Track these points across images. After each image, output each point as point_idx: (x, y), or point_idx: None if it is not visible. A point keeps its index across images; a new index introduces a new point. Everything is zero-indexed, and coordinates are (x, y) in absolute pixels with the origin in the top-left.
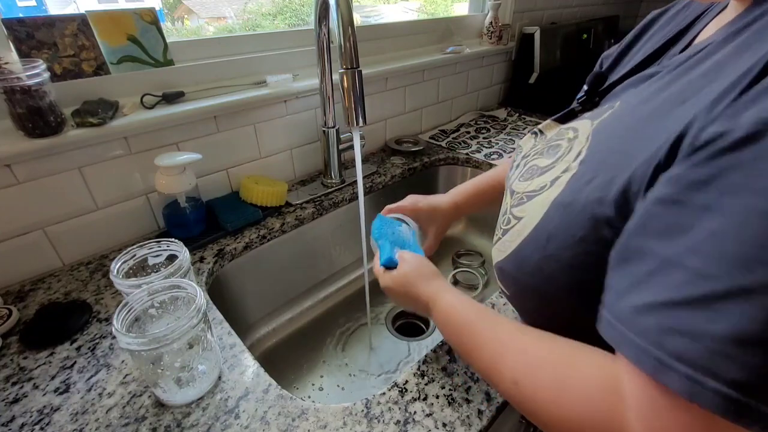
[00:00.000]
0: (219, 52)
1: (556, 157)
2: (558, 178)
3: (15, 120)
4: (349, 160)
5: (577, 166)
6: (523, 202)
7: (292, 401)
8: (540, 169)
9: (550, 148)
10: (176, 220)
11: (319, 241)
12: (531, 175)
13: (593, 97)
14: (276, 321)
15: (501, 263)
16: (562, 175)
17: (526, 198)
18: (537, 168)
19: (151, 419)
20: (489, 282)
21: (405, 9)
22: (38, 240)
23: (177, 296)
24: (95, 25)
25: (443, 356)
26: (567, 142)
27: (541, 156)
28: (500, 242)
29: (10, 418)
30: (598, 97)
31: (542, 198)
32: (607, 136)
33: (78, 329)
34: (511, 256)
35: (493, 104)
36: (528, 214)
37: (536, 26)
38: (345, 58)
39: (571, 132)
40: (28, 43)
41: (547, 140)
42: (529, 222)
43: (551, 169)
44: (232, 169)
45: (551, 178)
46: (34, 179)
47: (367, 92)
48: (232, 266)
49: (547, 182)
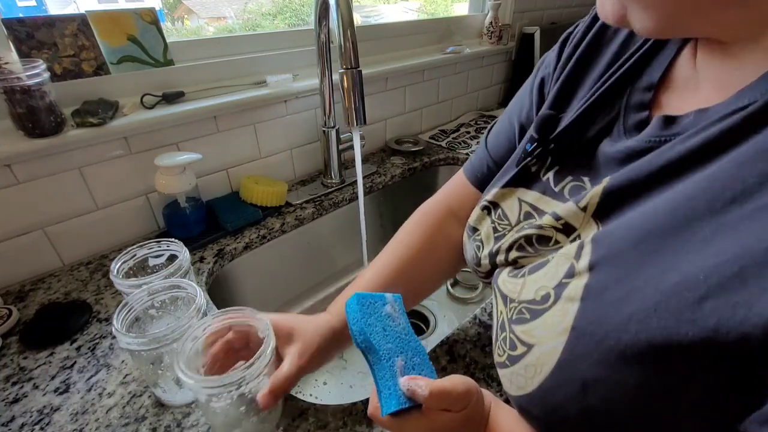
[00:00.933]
0: (219, 52)
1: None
2: (564, 286)
3: (15, 120)
4: (349, 160)
5: (587, 271)
6: (527, 320)
7: (292, 401)
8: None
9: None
10: (176, 220)
11: (319, 241)
12: (517, 273)
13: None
14: None
15: (520, 401)
16: (570, 283)
17: (527, 312)
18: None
19: (151, 419)
20: None
21: (405, 9)
22: (38, 240)
23: (177, 296)
24: (95, 25)
25: (443, 356)
26: (555, 231)
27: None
28: (509, 371)
29: (10, 418)
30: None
31: (554, 319)
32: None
33: (78, 329)
34: (535, 398)
35: (493, 104)
36: (540, 342)
37: (536, 26)
38: (345, 58)
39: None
40: (28, 43)
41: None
42: (546, 354)
43: (545, 265)
44: (232, 169)
45: (553, 282)
46: (34, 179)
47: (367, 92)
48: (232, 266)
49: (549, 290)
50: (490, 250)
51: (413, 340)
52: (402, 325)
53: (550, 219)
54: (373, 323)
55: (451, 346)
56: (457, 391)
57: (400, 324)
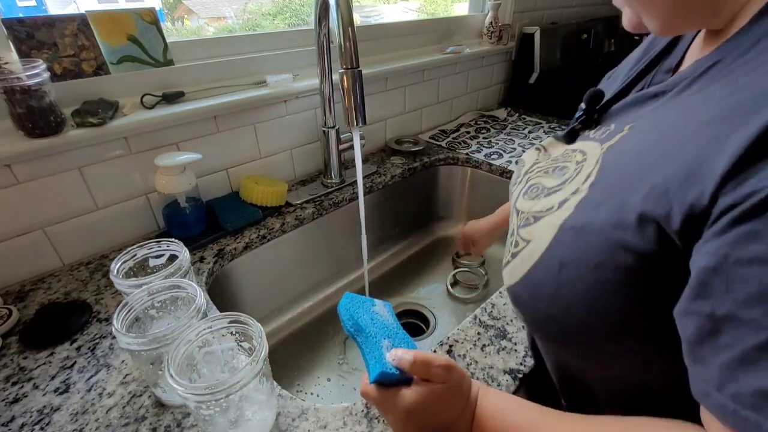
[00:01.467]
0: (219, 52)
1: (563, 178)
2: (566, 201)
3: (15, 120)
4: (349, 160)
5: (587, 188)
6: (530, 224)
7: (292, 401)
8: (546, 190)
9: (557, 168)
10: (176, 220)
11: (319, 241)
12: (537, 195)
13: (592, 115)
14: (276, 321)
15: (514, 287)
16: (571, 198)
17: (533, 219)
18: (542, 188)
19: (151, 419)
20: (489, 282)
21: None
22: (38, 240)
23: (177, 296)
24: (95, 25)
25: (443, 356)
26: (575, 164)
27: (547, 175)
28: (510, 265)
29: (10, 418)
30: (596, 114)
31: (550, 220)
32: (619, 160)
33: (78, 329)
34: (524, 281)
35: (493, 104)
36: (536, 237)
37: (536, 26)
38: (345, 58)
39: (579, 154)
40: (28, 43)
41: (553, 159)
42: (538, 246)
43: (559, 190)
44: (232, 169)
45: (559, 199)
46: (34, 179)
47: (367, 92)
48: (232, 266)
49: (554, 204)
50: (529, 167)
51: (401, 332)
52: (391, 322)
53: (579, 155)
54: (362, 313)
55: (451, 346)
56: (439, 361)
57: (388, 320)
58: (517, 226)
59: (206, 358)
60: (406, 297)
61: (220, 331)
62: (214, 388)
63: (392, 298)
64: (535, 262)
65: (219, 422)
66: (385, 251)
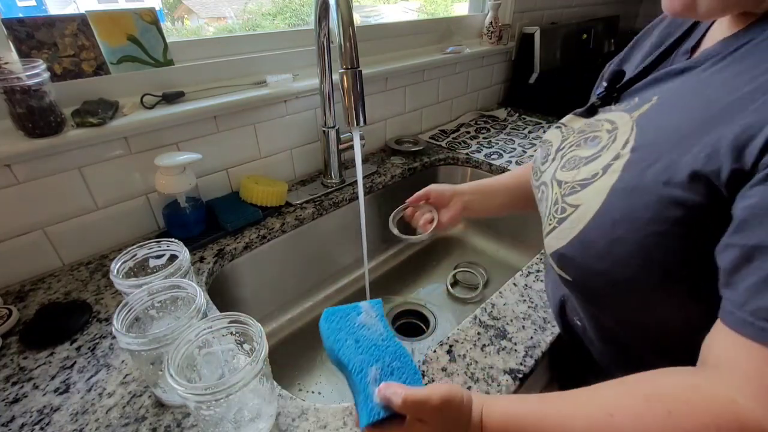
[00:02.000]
0: (219, 52)
1: (599, 146)
2: (610, 165)
3: (15, 120)
4: (349, 160)
5: (629, 152)
6: (577, 191)
7: (292, 401)
8: (584, 159)
9: (588, 139)
10: (176, 220)
11: (319, 241)
12: (576, 165)
13: (612, 92)
14: (276, 321)
15: (562, 250)
16: (614, 162)
17: (579, 186)
18: (579, 158)
19: (151, 419)
20: (489, 282)
21: (405, 9)
22: (38, 240)
23: (177, 296)
24: (95, 25)
25: (443, 356)
26: (607, 133)
27: (580, 147)
28: (557, 230)
29: (10, 418)
30: (616, 93)
31: (599, 185)
32: (659, 124)
33: (78, 329)
34: (574, 241)
35: (493, 104)
36: (586, 202)
37: (536, 26)
38: (345, 58)
39: (607, 124)
40: (28, 43)
41: (579, 132)
42: (589, 208)
43: (598, 157)
44: (232, 169)
45: (602, 165)
46: (34, 179)
47: (367, 92)
48: (232, 266)
49: (598, 170)
50: (559, 145)
51: (392, 344)
52: (379, 331)
53: (607, 124)
54: (343, 338)
55: (451, 346)
56: (432, 403)
57: (377, 331)
58: (561, 195)
59: (206, 358)
60: (406, 297)
61: (220, 331)
62: (214, 388)
63: (392, 298)
64: (586, 224)
65: (219, 422)
66: (385, 251)
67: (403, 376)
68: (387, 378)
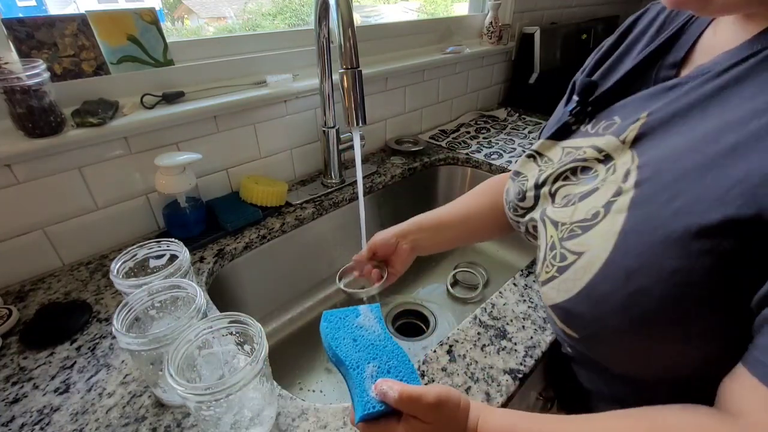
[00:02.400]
0: (219, 52)
1: (596, 179)
2: (612, 203)
3: (15, 120)
4: (349, 160)
5: (633, 188)
6: (578, 234)
7: (292, 401)
8: (579, 194)
9: (578, 170)
10: (176, 220)
11: (319, 241)
12: (569, 202)
13: (586, 108)
14: (276, 321)
15: (565, 304)
16: (617, 199)
17: (579, 229)
18: (573, 194)
19: (151, 419)
20: (489, 282)
21: (405, 9)
22: (38, 240)
23: (177, 296)
24: (95, 25)
25: (443, 356)
26: (597, 162)
27: (569, 181)
28: (557, 281)
29: (10, 418)
30: (590, 107)
31: (604, 228)
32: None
33: (78, 329)
34: (581, 296)
35: (493, 104)
36: (591, 249)
37: (536, 26)
38: (345, 58)
39: (592, 151)
40: (28, 43)
41: (560, 162)
42: (595, 256)
43: (595, 191)
44: (232, 169)
45: (602, 202)
46: (34, 179)
47: (367, 92)
48: (232, 266)
49: (599, 208)
50: (536, 181)
51: (390, 344)
52: (378, 332)
53: (593, 151)
54: (341, 336)
55: (451, 346)
56: (427, 400)
57: (375, 332)
58: (559, 239)
59: (206, 358)
60: (406, 297)
61: (220, 331)
62: (214, 388)
63: (392, 298)
64: (594, 275)
65: (219, 422)
66: None
67: (400, 374)
68: (384, 375)
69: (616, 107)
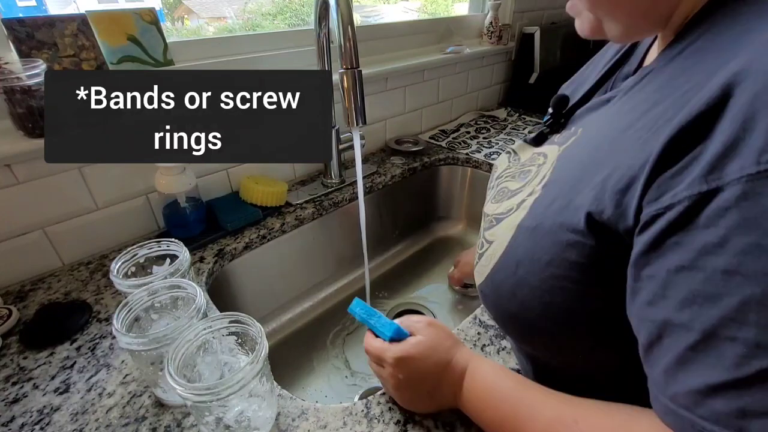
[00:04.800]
0: (219, 52)
1: (525, 181)
2: (523, 202)
3: (15, 120)
4: (349, 160)
5: (540, 189)
6: (493, 225)
7: (292, 401)
8: (510, 192)
9: (522, 172)
10: (176, 220)
11: (319, 241)
12: (501, 198)
13: (559, 119)
14: (276, 321)
15: (481, 286)
16: (528, 199)
17: (495, 221)
18: (507, 191)
19: (151, 419)
20: None
21: (405, 9)
22: (38, 240)
23: (177, 296)
24: (95, 25)
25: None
26: (537, 167)
27: (513, 179)
28: (478, 266)
29: (10, 418)
30: (563, 119)
31: (509, 221)
32: (568, 162)
33: (78, 329)
34: (488, 280)
35: (493, 104)
36: (497, 238)
37: (536, 26)
38: (345, 58)
39: (541, 157)
40: (28, 43)
41: (521, 164)
42: (498, 246)
43: (519, 192)
44: (232, 169)
45: (518, 201)
46: (34, 179)
47: (367, 92)
48: (232, 266)
49: (514, 205)
50: (499, 173)
51: None
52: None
53: (541, 158)
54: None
55: None
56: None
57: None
58: (483, 229)
59: (206, 358)
60: (406, 297)
61: (220, 331)
62: (214, 388)
63: (392, 298)
64: (496, 262)
65: (219, 422)
66: (385, 251)
67: None
68: None
69: (576, 117)
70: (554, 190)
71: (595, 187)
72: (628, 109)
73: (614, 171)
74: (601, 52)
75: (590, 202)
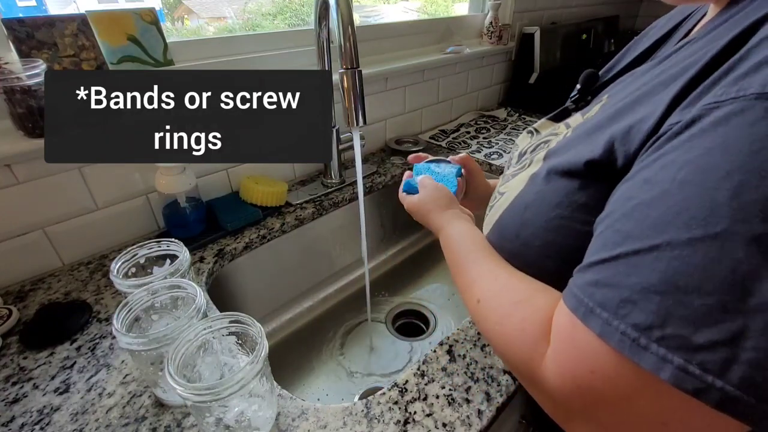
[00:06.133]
0: (219, 52)
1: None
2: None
3: (15, 120)
4: (349, 160)
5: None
6: (508, 181)
7: (292, 401)
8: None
9: (542, 143)
10: (176, 220)
11: (319, 241)
12: (521, 168)
13: (586, 96)
14: (276, 321)
15: (487, 235)
16: (542, 152)
17: (510, 177)
18: (526, 154)
19: (151, 419)
20: None
21: (405, 9)
22: (38, 240)
23: (177, 296)
24: (95, 25)
25: (443, 356)
26: (557, 136)
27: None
28: (487, 217)
29: (10, 418)
30: (590, 96)
31: (522, 175)
32: (588, 121)
33: (78, 329)
34: (495, 226)
35: (493, 104)
36: (510, 189)
37: (536, 26)
38: (345, 58)
39: (563, 127)
40: (28, 43)
41: (542, 136)
42: (510, 195)
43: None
44: (232, 169)
45: (534, 158)
46: (34, 179)
47: (367, 92)
48: (232, 266)
49: (529, 161)
50: (521, 150)
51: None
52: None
53: (563, 127)
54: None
55: (451, 346)
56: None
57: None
58: (498, 186)
59: (206, 358)
60: (406, 297)
61: (220, 331)
62: (214, 388)
63: (392, 298)
64: (505, 209)
65: (219, 422)
66: (385, 251)
67: None
68: None
69: (604, 90)
70: (566, 144)
71: (609, 134)
72: (658, 72)
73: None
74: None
75: (603, 148)
